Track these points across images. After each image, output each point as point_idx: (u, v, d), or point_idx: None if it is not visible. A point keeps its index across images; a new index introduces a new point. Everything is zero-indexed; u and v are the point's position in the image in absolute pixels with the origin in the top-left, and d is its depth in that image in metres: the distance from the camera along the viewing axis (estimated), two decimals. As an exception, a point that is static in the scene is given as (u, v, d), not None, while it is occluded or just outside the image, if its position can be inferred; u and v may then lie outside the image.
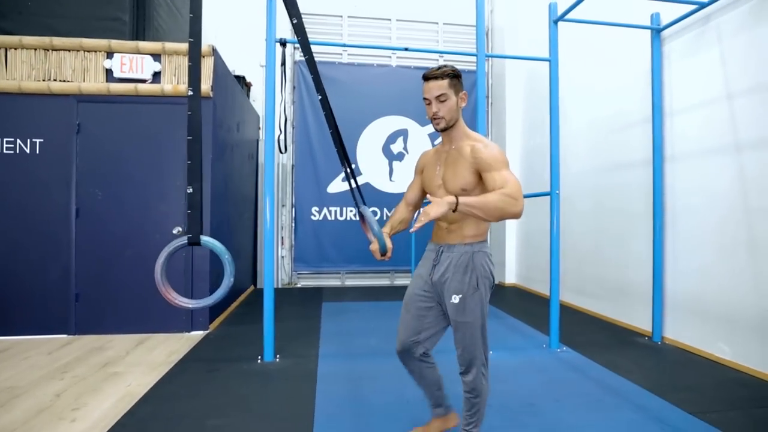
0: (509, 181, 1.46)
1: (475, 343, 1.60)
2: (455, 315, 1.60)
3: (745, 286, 2.77)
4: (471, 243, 1.60)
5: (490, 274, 1.62)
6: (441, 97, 1.56)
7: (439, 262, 1.64)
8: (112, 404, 2.24)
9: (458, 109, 1.61)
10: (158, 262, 1.68)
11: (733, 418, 2.12)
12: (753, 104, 2.74)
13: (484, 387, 1.65)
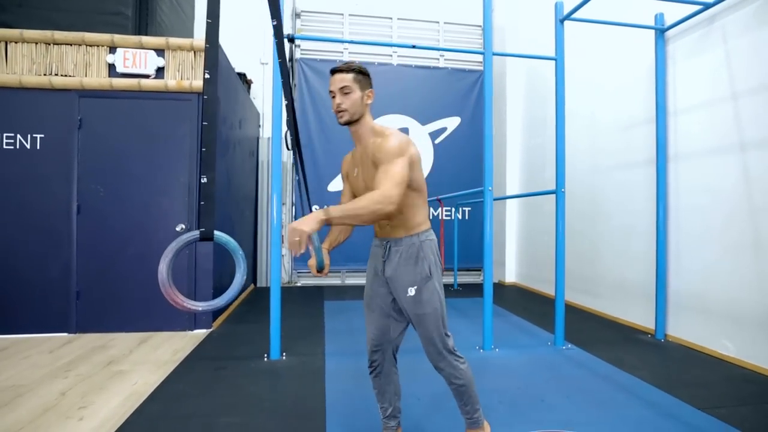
0: (387, 174, 1.43)
1: (437, 334, 1.60)
2: (413, 308, 1.58)
3: (749, 284, 2.80)
4: (418, 233, 1.61)
5: (438, 262, 1.64)
6: (344, 89, 1.56)
7: (388, 257, 1.62)
8: (119, 403, 2.21)
9: (363, 104, 1.59)
10: (164, 261, 1.47)
11: (744, 413, 2.13)
12: (757, 104, 2.77)
13: (462, 371, 1.65)
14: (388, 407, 1.76)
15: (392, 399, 1.77)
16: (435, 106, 6.20)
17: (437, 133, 6.26)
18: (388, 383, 1.75)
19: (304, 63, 5.96)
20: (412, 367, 2.85)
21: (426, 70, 6.23)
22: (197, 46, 3.55)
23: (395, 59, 6.26)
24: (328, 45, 6.16)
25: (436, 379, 2.60)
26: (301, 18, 6.11)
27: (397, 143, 1.50)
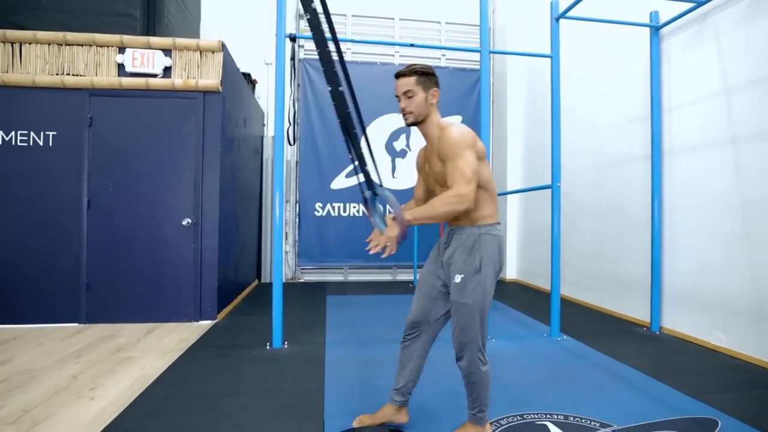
0: (456, 172, 1.50)
1: (471, 326, 1.61)
2: (455, 295, 1.63)
3: (741, 276, 2.85)
4: (479, 225, 1.64)
5: (496, 259, 1.64)
6: (408, 93, 1.63)
7: (449, 244, 1.70)
8: (128, 385, 2.31)
9: (427, 104, 1.65)
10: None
11: (730, 398, 2.19)
12: (749, 99, 2.83)
13: (481, 373, 1.65)
14: (401, 381, 1.82)
15: (408, 376, 1.81)
16: (437, 105, 6.27)
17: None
18: (411, 360, 1.80)
19: (308, 63, 6.07)
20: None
21: (428, 70, 6.30)
22: (203, 46, 3.66)
23: (397, 59, 6.35)
24: (331, 45, 6.25)
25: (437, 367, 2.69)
26: (304, 18, 6.21)
27: (460, 135, 1.55)
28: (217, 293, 3.65)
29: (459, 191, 1.48)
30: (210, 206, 3.66)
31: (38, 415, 1.95)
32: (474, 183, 1.50)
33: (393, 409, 1.84)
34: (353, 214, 6.16)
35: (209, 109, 3.67)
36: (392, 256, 6.07)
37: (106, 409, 2.03)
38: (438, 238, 1.83)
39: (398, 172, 6.26)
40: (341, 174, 6.11)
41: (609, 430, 1.88)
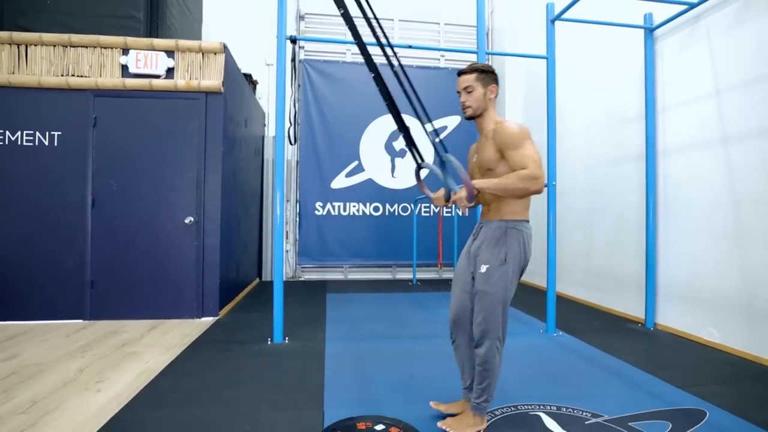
0: (527, 158, 1.60)
1: (493, 317, 1.67)
2: (480, 284, 1.70)
3: (733, 272, 2.91)
4: (507, 220, 1.72)
5: (521, 253, 1.71)
6: (468, 88, 1.77)
7: (477, 236, 1.81)
8: (133, 378, 2.38)
9: (485, 100, 1.77)
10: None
11: (718, 390, 2.25)
12: (740, 99, 2.88)
13: (495, 362, 1.70)
14: (467, 379, 1.87)
15: (471, 372, 1.86)
16: (436, 106, 6.32)
17: (438, 132, 6.39)
18: (465, 358, 1.86)
19: (308, 64, 6.14)
20: (413, 349, 3.00)
21: (427, 71, 6.38)
22: (205, 48, 3.73)
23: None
24: (331, 46, 6.33)
25: (436, 361, 2.75)
26: (305, 20, 6.29)
27: (519, 127, 1.68)
28: (218, 290, 3.71)
29: (534, 173, 1.57)
30: (212, 205, 3.72)
31: (47, 406, 2.01)
32: (539, 167, 1.59)
33: (466, 404, 1.87)
34: (353, 214, 6.22)
35: (211, 110, 3.73)
36: (392, 255, 6.15)
37: (113, 400, 2.09)
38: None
39: (398, 171, 6.32)
40: (341, 174, 6.18)
41: (599, 419, 1.94)
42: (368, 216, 6.25)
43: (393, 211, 6.29)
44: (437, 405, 1.93)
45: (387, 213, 6.27)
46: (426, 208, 6.38)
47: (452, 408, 1.91)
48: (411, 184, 6.32)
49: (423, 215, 6.33)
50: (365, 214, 6.25)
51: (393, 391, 2.23)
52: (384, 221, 6.26)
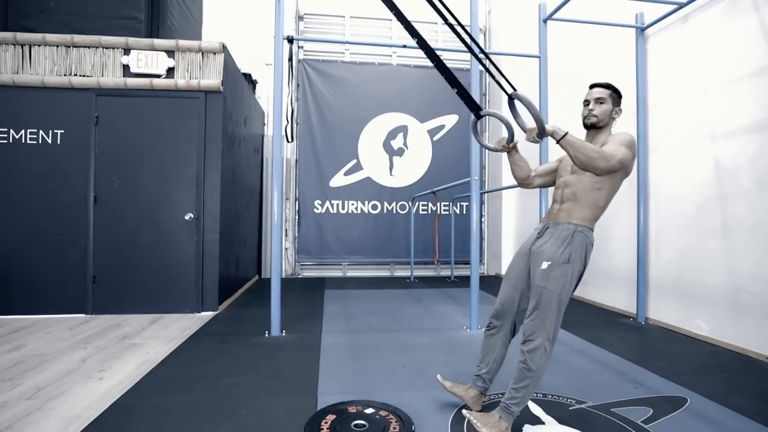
0: (618, 150, 1.65)
1: (547, 313, 1.65)
2: (540, 280, 1.69)
3: (719, 266, 2.98)
4: (576, 224, 1.74)
5: (583, 257, 1.71)
6: (600, 99, 1.82)
7: (542, 235, 1.81)
8: (134, 367, 2.45)
9: (610, 117, 1.82)
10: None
11: (701, 380, 2.32)
12: (726, 96, 2.95)
13: (541, 363, 1.66)
14: (483, 367, 1.91)
15: (490, 363, 1.89)
16: (433, 105, 6.41)
17: (436, 131, 6.48)
18: (494, 349, 1.89)
19: (307, 64, 6.22)
20: (407, 342, 3.07)
21: (424, 70, 6.45)
22: (205, 48, 3.80)
23: (395, 59, 6.49)
24: (330, 46, 6.41)
25: (428, 353, 2.82)
26: (304, 20, 6.36)
27: (629, 138, 1.71)
28: (218, 285, 3.79)
29: (608, 153, 1.62)
30: (211, 201, 3.80)
31: (52, 392, 2.09)
32: (618, 165, 1.63)
33: (473, 391, 1.91)
34: (351, 212, 6.30)
35: (211, 109, 3.81)
36: (390, 253, 6.22)
37: (115, 387, 2.17)
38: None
39: (396, 170, 6.40)
40: (340, 172, 6.25)
41: (583, 406, 2.01)
42: (366, 214, 6.33)
43: (391, 209, 6.37)
44: (444, 380, 1.96)
45: (385, 211, 6.35)
46: (424, 206, 6.45)
47: (456, 388, 1.93)
48: (409, 183, 6.39)
49: (421, 213, 6.41)
50: (363, 212, 6.33)
51: (385, 380, 2.31)
52: (382, 219, 6.34)
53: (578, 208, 1.76)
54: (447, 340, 3.06)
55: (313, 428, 1.60)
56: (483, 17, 6.75)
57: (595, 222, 1.78)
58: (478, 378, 1.92)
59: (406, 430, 1.61)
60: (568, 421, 1.86)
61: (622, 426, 1.82)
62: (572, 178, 1.82)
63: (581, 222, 1.74)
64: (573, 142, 1.61)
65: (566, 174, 1.87)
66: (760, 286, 2.71)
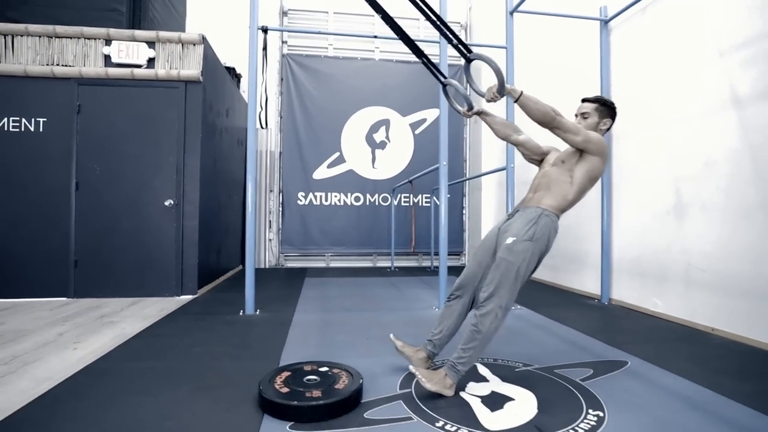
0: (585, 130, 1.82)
1: (505, 283, 1.76)
2: (502, 252, 1.80)
3: (673, 245, 3.13)
4: (544, 208, 1.87)
5: (547, 240, 1.83)
6: (584, 114, 1.99)
7: (512, 217, 1.95)
8: (109, 340, 2.56)
9: (597, 128, 1.97)
10: None
11: (645, 348, 2.46)
12: (681, 85, 3.10)
13: (490, 328, 1.74)
14: (437, 333, 2.02)
15: (444, 330, 2.00)
16: (415, 99, 6.54)
17: (417, 124, 6.62)
18: (450, 317, 2.00)
19: (291, 58, 6.33)
20: (376, 319, 3.19)
21: (406, 65, 6.58)
22: (185, 39, 3.91)
23: (377, 54, 6.62)
24: (314, 41, 6.53)
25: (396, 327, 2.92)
26: (288, 15, 6.48)
27: (603, 139, 1.88)
28: (197, 269, 3.90)
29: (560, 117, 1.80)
30: (191, 188, 3.91)
31: (27, 359, 2.20)
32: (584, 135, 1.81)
33: (422, 353, 2.02)
34: (334, 203, 6.42)
35: (190, 98, 3.92)
36: (373, 244, 6.34)
37: (88, 355, 2.27)
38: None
39: (378, 162, 6.53)
40: (323, 165, 6.37)
41: (529, 368, 2.15)
42: (349, 206, 6.45)
43: (373, 201, 6.49)
44: (396, 339, 2.07)
45: (368, 203, 6.47)
46: (405, 198, 6.59)
47: (406, 348, 2.03)
48: (391, 175, 6.52)
49: (403, 205, 6.54)
50: (346, 204, 6.45)
51: (347, 348, 2.43)
52: (365, 211, 6.47)
53: (548, 197, 1.90)
54: (414, 318, 3.19)
55: (266, 383, 1.72)
56: (464, 13, 6.90)
57: (561, 212, 1.92)
58: (429, 342, 2.04)
59: (355, 382, 1.73)
60: (511, 380, 1.99)
61: (561, 383, 1.96)
62: (551, 170, 1.97)
63: (548, 208, 1.88)
64: (530, 98, 1.78)
65: (547, 166, 2.02)
66: (707, 263, 2.87)
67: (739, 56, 2.67)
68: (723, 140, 2.77)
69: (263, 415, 1.58)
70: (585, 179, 1.89)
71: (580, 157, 1.90)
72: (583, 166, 1.88)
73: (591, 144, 1.83)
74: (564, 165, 1.93)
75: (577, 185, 1.89)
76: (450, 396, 1.76)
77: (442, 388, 1.75)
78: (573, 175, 1.89)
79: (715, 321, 2.80)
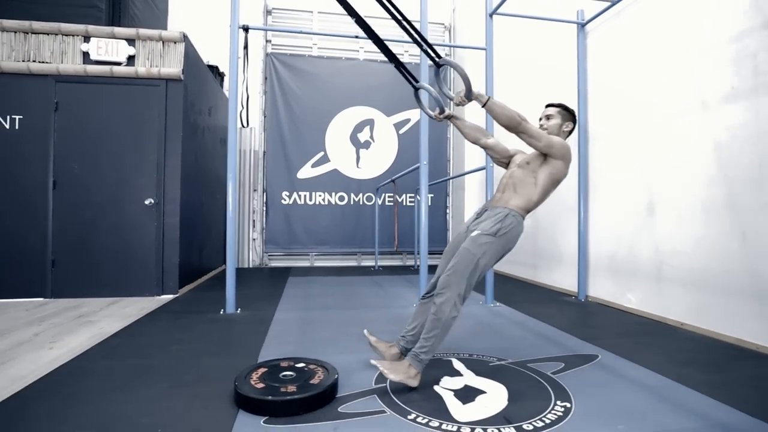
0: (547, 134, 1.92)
1: (463, 272, 1.82)
2: (465, 243, 1.88)
3: (645, 242, 3.23)
4: (510, 209, 1.95)
5: (510, 238, 1.91)
6: (549, 116, 2.10)
7: (480, 216, 2.03)
8: (86, 339, 2.54)
9: (560, 131, 2.08)
10: None
11: (616, 342, 2.53)
12: (653, 86, 3.20)
13: (449, 316, 1.80)
14: (410, 330, 2.07)
15: (417, 326, 2.05)
16: (399, 99, 6.57)
17: (401, 124, 6.66)
18: (423, 313, 2.04)
19: (275, 57, 6.32)
20: (357, 316, 3.22)
21: (391, 65, 6.58)
22: (165, 37, 3.89)
23: (362, 54, 6.65)
24: (298, 41, 6.52)
25: (376, 325, 2.95)
26: (272, 14, 6.47)
27: (567, 143, 1.96)
28: (178, 268, 3.88)
29: (530, 125, 1.87)
30: (172, 187, 3.88)
31: (1, 359, 2.17)
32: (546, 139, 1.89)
33: (394, 349, 2.06)
34: (319, 203, 6.43)
35: (171, 96, 3.90)
36: (357, 243, 6.36)
37: (64, 354, 2.26)
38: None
39: (362, 162, 6.55)
40: (307, 164, 6.38)
41: (503, 363, 2.20)
42: (334, 205, 6.47)
43: (358, 201, 6.52)
44: (370, 335, 2.12)
45: (352, 202, 6.50)
46: (389, 198, 6.62)
47: (380, 344, 2.08)
48: (375, 175, 6.56)
49: (387, 204, 6.58)
50: (331, 203, 6.47)
51: (327, 345, 2.46)
52: (349, 210, 6.49)
53: (515, 198, 1.98)
54: (395, 315, 3.22)
55: (242, 378, 1.73)
56: (448, 15, 6.97)
57: (527, 212, 2.00)
58: (402, 338, 2.08)
59: (330, 377, 1.76)
60: (485, 374, 2.04)
61: (533, 377, 2.01)
62: (518, 171, 2.04)
63: (515, 208, 1.96)
64: (496, 103, 1.85)
65: (514, 167, 2.09)
66: (677, 260, 2.96)
67: (707, 60, 2.77)
68: (691, 141, 2.86)
69: (238, 411, 1.60)
70: (548, 181, 1.97)
71: (544, 161, 1.98)
72: (546, 168, 1.97)
73: (553, 149, 1.92)
74: (529, 166, 2.00)
75: (540, 187, 1.98)
76: (415, 386, 1.79)
77: (406, 378, 1.78)
78: (537, 177, 1.97)
79: (684, 316, 2.89)
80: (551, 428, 1.51)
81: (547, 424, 1.53)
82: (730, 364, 2.21)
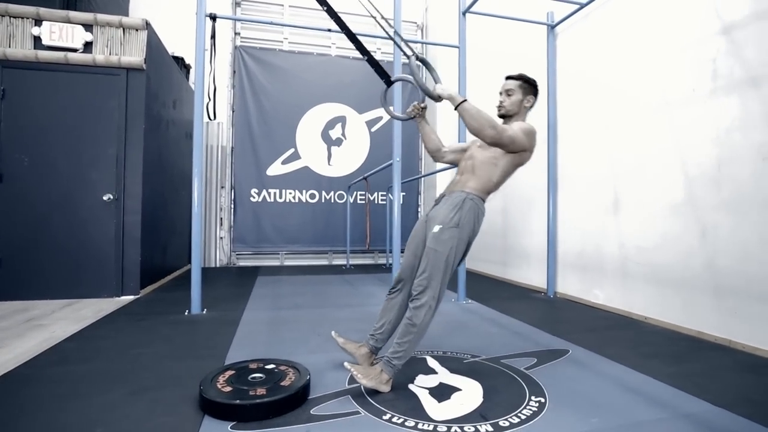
0: (510, 129, 1.80)
1: (435, 274, 1.76)
2: (431, 243, 1.80)
3: (610, 239, 3.32)
4: (467, 192, 1.87)
5: (473, 224, 1.84)
6: (509, 91, 1.95)
7: (438, 203, 1.94)
8: (36, 344, 2.36)
9: (521, 106, 1.95)
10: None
11: (585, 336, 2.59)
12: (618, 86, 3.29)
13: (425, 320, 1.75)
14: (378, 328, 2.00)
15: (385, 324, 1.99)
16: (372, 96, 6.49)
17: (374, 122, 6.61)
18: (392, 311, 1.99)
19: (244, 51, 6.14)
20: (328, 315, 3.16)
21: (363, 62, 6.52)
22: (126, 23, 3.68)
23: (334, 50, 6.55)
24: (269, 34, 6.36)
25: (347, 324, 2.89)
26: (241, 6, 6.28)
27: (528, 126, 1.85)
28: (140, 268, 3.69)
29: (502, 126, 1.77)
30: (133, 182, 3.69)
31: (-65, 367, 1.98)
32: (508, 139, 1.78)
33: (364, 349, 1.99)
34: (289, 200, 6.29)
35: (133, 87, 3.70)
36: (329, 242, 6.27)
37: (10, 360, 2.08)
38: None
39: (334, 159, 6.47)
40: (277, 161, 6.23)
41: (476, 359, 2.19)
42: (304, 203, 6.35)
43: (329, 199, 6.43)
44: (337, 336, 2.05)
45: (323, 200, 6.40)
46: (361, 195, 6.56)
47: (348, 344, 2.01)
48: (347, 172, 6.48)
49: (359, 203, 6.52)
50: (301, 201, 6.34)
51: (297, 345, 2.38)
52: (320, 208, 6.39)
53: (473, 180, 1.90)
54: (366, 313, 3.17)
55: (208, 382, 1.64)
56: (420, 14, 6.98)
57: (487, 194, 1.93)
58: (371, 337, 2.02)
59: (302, 378, 1.70)
60: (460, 371, 2.02)
61: (507, 372, 2.01)
62: (477, 152, 1.96)
63: (473, 191, 1.88)
64: (468, 109, 1.73)
65: (474, 148, 2.00)
66: (641, 256, 3.06)
67: (670, 63, 2.86)
68: (655, 141, 2.96)
69: (204, 416, 1.51)
70: (509, 164, 1.91)
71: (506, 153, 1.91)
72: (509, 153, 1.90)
73: (516, 146, 1.84)
74: (490, 147, 1.90)
75: (501, 168, 1.90)
76: (387, 391, 1.74)
77: (378, 383, 1.73)
78: (498, 159, 1.89)
79: (648, 310, 2.99)
80: (527, 424, 1.50)
81: (523, 420, 1.53)
82: (691, 356, 2.29)
